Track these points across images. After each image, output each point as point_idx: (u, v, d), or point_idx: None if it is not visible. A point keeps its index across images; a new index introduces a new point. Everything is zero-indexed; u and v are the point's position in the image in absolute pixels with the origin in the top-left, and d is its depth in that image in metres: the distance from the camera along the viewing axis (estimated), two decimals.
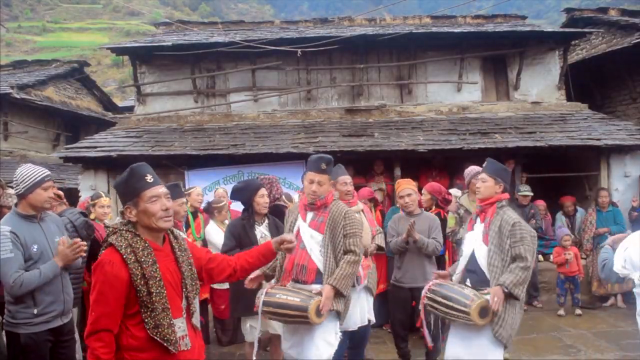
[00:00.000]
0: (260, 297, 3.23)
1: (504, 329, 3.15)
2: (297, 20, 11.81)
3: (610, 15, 10.55)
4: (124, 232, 2.17)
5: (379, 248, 4.42)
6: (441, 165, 7.62)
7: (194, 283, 2.28)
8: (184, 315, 2.22)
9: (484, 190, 3.40)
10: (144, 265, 2.10)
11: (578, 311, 6.49)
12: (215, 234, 5.16)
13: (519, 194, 7.02)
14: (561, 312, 6.49)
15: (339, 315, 3.30)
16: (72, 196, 7.80)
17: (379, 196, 6.48)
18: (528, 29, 9.42)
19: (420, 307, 3.54)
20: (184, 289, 2.23)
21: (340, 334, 3.33)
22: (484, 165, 3.57)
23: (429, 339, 3.77)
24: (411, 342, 4.74)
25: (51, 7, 68.08)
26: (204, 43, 8.87)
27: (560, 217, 7.43)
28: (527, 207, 7.00)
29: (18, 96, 11.19)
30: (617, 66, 9.63)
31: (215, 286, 5.12)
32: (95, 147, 7.80)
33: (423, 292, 3.49)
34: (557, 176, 8.16)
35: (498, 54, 9.12)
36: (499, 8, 12.00)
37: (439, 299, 3.30)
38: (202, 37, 9.66)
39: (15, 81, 11.89)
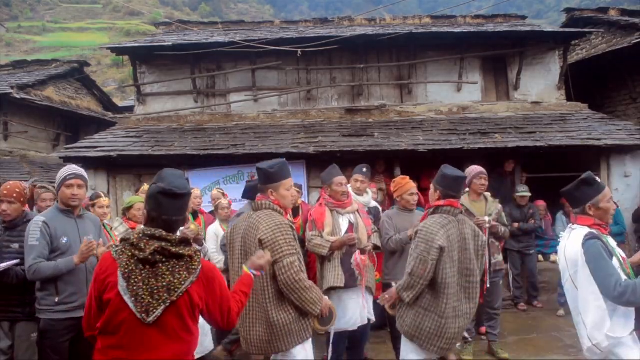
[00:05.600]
0: None
1: (404, 322, 3.39)
2: (297, 20, 11.84)
3: (610, 15, 10.56)
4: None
5: (375, 247, 4.41)
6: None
7: None
8: None
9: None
10: None
11: None
12: (219, 232, 5.20)
13: (517, 194, 7.02)
14: (561, 312, 6.49)
15: None
16: None
17: (379, 196, 6.48)
18: (528, 29, 9.41)
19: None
20: None
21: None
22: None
23: None
24: None
25: (51, 7, 68.03)
26: (204, 43, 8.87)
27: (561, 217, 7.42)
28: (525, 207, 7.00)
29: (18, 96, 11.19)
30: (617, 66, 9.62)
31: None
32: (95, 147, 7.80)
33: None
34: (557, 176, 8.15)
35: (498, 54, 9.12)
36: (499, 8, 12.04)
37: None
38: (202, 37, 9.66)
39: (15, 81, 11.88)
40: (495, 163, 7.74)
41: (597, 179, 2.89)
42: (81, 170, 3.48)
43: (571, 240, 2.85)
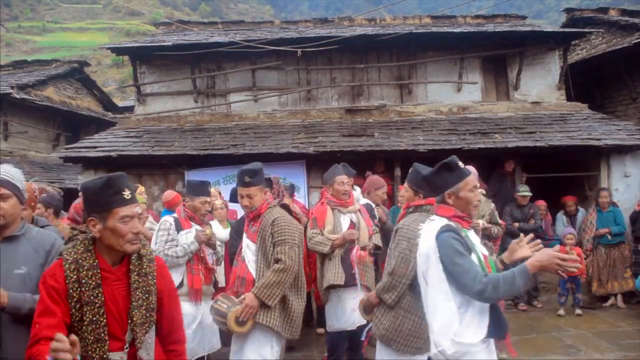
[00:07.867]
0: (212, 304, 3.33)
1: (381, 325, 3.08)
2: (297, 20, 11.84)
3: (610, 15, 10.55)
4: (78, 242, 1.94)
5: (377, 247, 4.41)
6: None
7: (147, 314, 1.96)
8: (126, 349, 1.92)
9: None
10: (83, 289, 1.86)
11: (578, 311, 6.49)
12: (218, 231, 5.19)
13: (518, 194, 7.03)
14: (561, 312, 6.49)
15: (278, 332, 3.16)
16: (72, 196, 7.80)
17: None
18: (528, 29, 9.41)
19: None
20: (130, 320, 1.92)
21: (277, 349, 3.20)
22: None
23: None
24: None
25: (51, 7, 68.05)
26: (204, 43, 8.87)
27: (561, 217, 7.43)
28: (526, 207, 7.00)
29: (18, 96, 11.19)
30: (617, 66, 9.62)
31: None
32: (95, 147, 7.80)
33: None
34: (557, 176, 8.17)
35: (498, 54, 9.12)
36: (499, 8, 12.02)
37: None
38: (202, 37, 9.66)
39: (15, 81, 11.87)
40: (496, 163, 7.74)
41: (461, 164, 2.53)
42: (7, 175, 2.40)
43: (425, 233, 2.51)
